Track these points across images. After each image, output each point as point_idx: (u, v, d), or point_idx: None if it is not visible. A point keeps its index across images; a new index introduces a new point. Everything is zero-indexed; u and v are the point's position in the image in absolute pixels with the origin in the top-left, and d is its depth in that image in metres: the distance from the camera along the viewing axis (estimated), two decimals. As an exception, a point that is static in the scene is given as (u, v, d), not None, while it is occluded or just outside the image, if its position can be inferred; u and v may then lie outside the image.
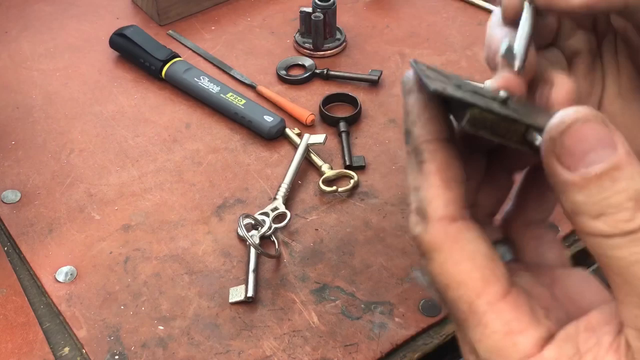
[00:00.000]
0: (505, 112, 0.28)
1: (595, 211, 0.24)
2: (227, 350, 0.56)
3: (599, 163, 0.24)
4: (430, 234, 0.28)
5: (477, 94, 0.29)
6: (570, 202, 0.25)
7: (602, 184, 0.24)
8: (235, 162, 0.72)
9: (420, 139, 0.29)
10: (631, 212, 0.24)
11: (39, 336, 0.57)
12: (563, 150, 0.25)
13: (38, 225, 0.65)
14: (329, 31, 0.83)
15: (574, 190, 0.25)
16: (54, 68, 0.83)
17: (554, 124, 0.25)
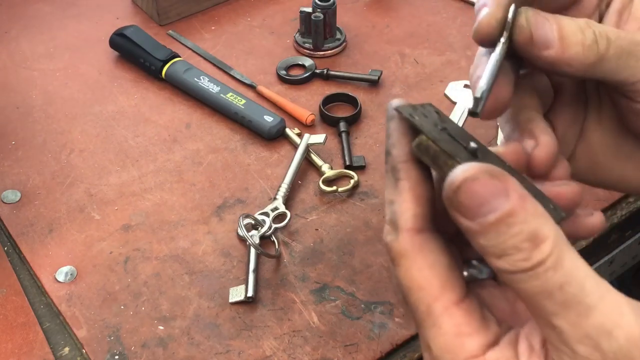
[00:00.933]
0: (446, 147, 0.31)
1: (497, 253, 0.28)
2: (227, 350, 0.56)
3: (494, 212, 0.28)
4: (399, 242, 0.31)
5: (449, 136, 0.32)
6: (476, 245, 0.29)
7: (498, 230, 0.28)
8: (235, 162, 0.72)
9: (398, 159, 0.33)
10: (527, 252, 0.27)
11: (39, 336, 0.57)
12: (459, 206, 0.28)
13: (38, 225, 0.65)
14: (329, 31, 0.83)
15: (476, 236, 0.28)
16: (54, 68, 0.83)
17: (445, 185, 0.29)
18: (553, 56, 0.35)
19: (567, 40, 0.35)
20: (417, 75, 0.81)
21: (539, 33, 0.35)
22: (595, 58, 0.35)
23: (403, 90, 0.79)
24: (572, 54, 0.35)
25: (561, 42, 0.35)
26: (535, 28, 0.35)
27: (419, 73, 0.81)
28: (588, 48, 0.35)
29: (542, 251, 0.27)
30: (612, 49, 0.35)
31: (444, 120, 0.35)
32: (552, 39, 0.35)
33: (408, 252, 0.31)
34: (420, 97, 0.78)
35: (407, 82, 0.80)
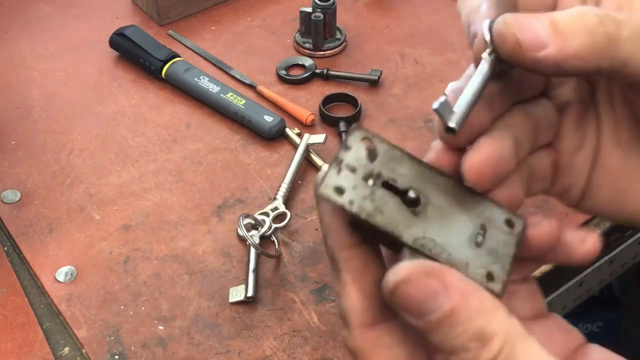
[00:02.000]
0: (380, 224, 0.29)
1: (448, 349, 0.26)
2: (227, 350, 0.56)
3: (434, 312, 0.26)
4: (352, 340, 0.29)
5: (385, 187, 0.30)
6: (427, 341, 0.27)
7: (443, 329, 0.26)
8: (235, 162, 0.72)
9: (334, 249, 0.30)
10: (475, 352, 0.26)
11: (39, 336, 0.57)
12: (399, 307, 0.27)
13: (38, 225, 0.65)
14: (329, 31, 0.83)
15: (425, 333, 0.27)
16: (54, 68, 0.83)
17: (383, 286, 0.27)
18: (554, 55, 0.29)
19: (565, 31, 0.29)
20: (417, 75, 0.81)
21: (526, 34, 0.30)
22: (605, 42, 0.29)
23: (403, 90, 0.79)
24: (576, 46, 0.29)
25: (558, 36, 0.29)
26: (520, 29, 0.30)
27: (419, 73, 0.82)
28: (594, 32, 0.29)
29: (491, 350, 0.26)
30: (624, 30, 0.29)
31: (373, 152, 0.31)
32: (545, 35, 0.29)
33: (363, 350, 0.29)
34: (420, 97, 0.78)
35: (407, 82, 0.80)
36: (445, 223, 0.30)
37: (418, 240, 0.29)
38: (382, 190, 0.30)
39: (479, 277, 0.29)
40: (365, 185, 0.30)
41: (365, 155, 0.31)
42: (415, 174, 0.31)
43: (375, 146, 0.31)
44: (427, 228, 0.29)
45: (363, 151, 0.31)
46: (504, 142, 0.31)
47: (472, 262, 0.29)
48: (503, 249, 0.30)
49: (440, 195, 0.31)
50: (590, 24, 0.29)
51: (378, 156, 0.31)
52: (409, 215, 0.30)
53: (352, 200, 0.29)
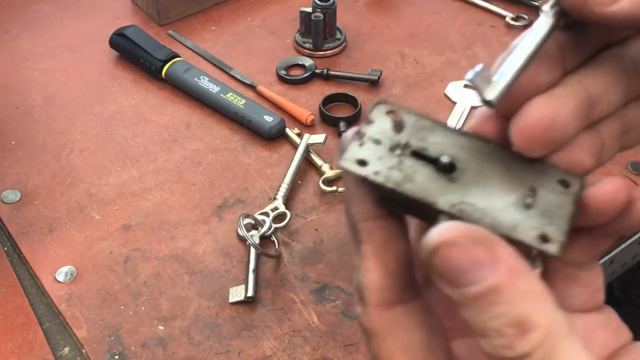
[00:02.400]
0: (412, 193, 0.26)
1: (480, 330, 0.23)
2: (227, 350, 0.56)
3: (475, 285, 0.23)
4: (367, 319, 0.27)
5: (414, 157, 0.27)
6: (459, 315, 0.24)
7: (479, 306, 0.23)
8: (235, 162, 0.72)
9: (357, 218, 0.27)
10: (510, 339, 0.23)
11: (39, 336, 0.57)
12: (436, 272, 0.24)
13: (38, 225, 0.65)
14: (329, 31, 0.83)
15: (459, 306, 0.24)
16: (54, 68, 0.83)
17: (422, 246, 0.24)
18: (627, 10, 0.24)
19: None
20: (417, 75, 0.81)
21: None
22: None
23: (403, 90, 0.79)
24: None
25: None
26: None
27: (419, 73, 0.81)
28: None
29: (529, 341, 0.22)
30: None
31: (400, 124, 0.28)
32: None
33: (377, 331, 0.26)
34: (420, 97, 0.78)
35: (407, 82, 0.80)
36: (488, 187, 0.27)
37: (455, 206, 0.26)
38: (412, 159, 0.27)
39: (530, 238, 0.25)
40: (392, 155, 0.27)
41: (391, 127, 0.28)
42: (450, 142, 0.28)
43: (402, 118, 0.28)
44: (465, 193, 0.26)
45: (388, 124, 0.28)
46: (563, 101, 0.27)
47: (522, 224, 0.26)
48: (558, 209, 0.27)
49: (480, 160, 0.28)
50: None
51: (406, 127, 0.28)
52: (444, 182, 0.27)
53: (377, 171, 0.26)
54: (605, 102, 0.28)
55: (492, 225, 0.26)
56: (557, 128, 0.26)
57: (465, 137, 0.28)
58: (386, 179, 0.26)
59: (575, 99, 0.27)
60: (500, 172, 0.27)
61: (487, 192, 0.27)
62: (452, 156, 0.27)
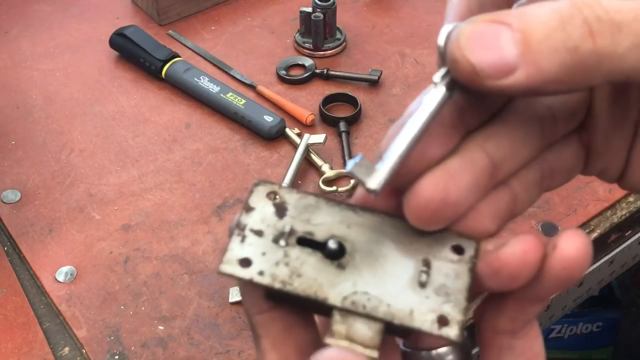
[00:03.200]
0: (300, 292, 0.25)
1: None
2: (227, 350, 0.56)
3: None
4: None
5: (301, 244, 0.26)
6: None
7: None
8: (235, 162, 0.72)
9: (250, 312, 0.26)
10: None
11: (39, 336, 0.57)
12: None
13: (38, 225, 0.65)
14: (329, 31, 0.83)
15: None
16: (54, 68, 0.83)
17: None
18: (523, 81, 0.22)
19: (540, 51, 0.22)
20: (417, 75, 0.81)
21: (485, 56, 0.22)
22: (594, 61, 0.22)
23: (403, 90, 0.79)
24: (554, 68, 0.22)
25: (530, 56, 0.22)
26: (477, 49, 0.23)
27: (419, 73, 0.81)
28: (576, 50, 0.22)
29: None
30: (627, 38, 0.22)
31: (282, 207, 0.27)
32: (513, 55, 0.22)
33: None
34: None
35: (407, 82, 0.80)
36: (379, 269, 0.26)
37: (348, 298, 0.25)
38: (298, 249, 0.26)
39: (428, 324, 0.24)
40: (276, 248, 0.25)
41: (273, 212, 0.26)
42: (336, 219, 0.26)
43: (284, 199, 0.27)
44: (357, 281, 0.25)
45: (270, 208, 0.26)
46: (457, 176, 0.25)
47: (418, 308, 0.25)
48: (454, 282, 0.25)
49: (370, 237, 0.26)
50: (574, 37, 0.22)
51: (288, 209, 0.26)
52: (334, 271, 0.25)
53: (262, 271, 0.25)
54: (513, 160, 0.26)
55: (388, 313, 0.25)
56: (450, 205, 0.25)
57: (352, 211, 0.27)
58: (272, 279, 0.25)
59: (471, 170, 0.25)
60: (392, 248, 0.26)
61: (379, 275, 0.25)
62: (340, 237, 0.26)
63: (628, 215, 0.67)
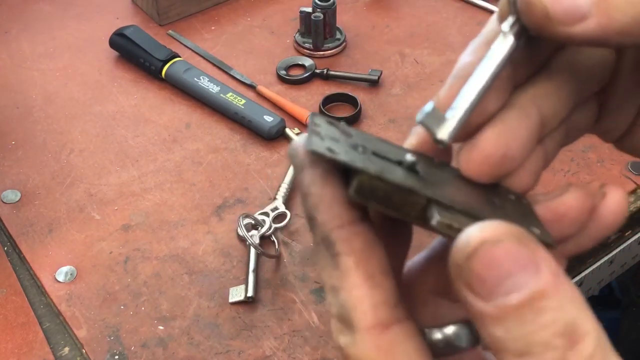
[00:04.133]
0: (400, 181, 0.23)
1: (518, 349, 0.20)
2: (227, 350, 0.56)
3: (518, 291, 0.20)
4: (360, 347, 0.22)
5: (377, 157, 0.24)
6: (489, 336, 0.21)
7: (523, 317, 0.20)
8: (235, 162, 0.72)
9: (329, 226, 0.23)
10: (561, 353, 0.19)
11: (39, 336, 0.57)
12: (472, 278, 0.20)
13: (38, 225, 0.65)
14: (329, 31, 0.83)
15: (491, 323, 0.20)
16: (54, 68, 0.83)
17: (457, 246, 0.21)
18: (593, 29, 0.23)
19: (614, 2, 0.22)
20: (417, 75, 0.81)
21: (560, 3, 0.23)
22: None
23: (403, 90, 0.79)
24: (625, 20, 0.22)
25: (603, 4, 0.22)
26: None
27: (419, 73, 0.82)
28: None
29: (582, 353, 0.19)
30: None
31: (346, 131, 0.25)
32: (586, 3, 0.23)
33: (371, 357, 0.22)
34: (420, 97, 0.78)
35: (407, 82, 0.80)
36: (454, 188, 0.25)
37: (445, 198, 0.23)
38: (376, 157, 0.24)
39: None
40: (356, 151, 0.24)
41: (339, 132, 0.25)
42: (400, 151, 0.26)
43: (345, 128, 0.26)
44: (440, 191, 0.24)
45: (334, 130, 0.25)
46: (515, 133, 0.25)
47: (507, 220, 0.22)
48: (525, 212, 0.25)
49: (434, 168, 0.26)
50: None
51: (352, 135, 0.25)
52: (415, 179, 0.24)
53: (352, 159, 0.23)
54: (556, 118, 0.27)
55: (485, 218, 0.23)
56: (509, 160, 0.25)
57: (407, 150, 0.26)
58: (366, 168, 0.23)
59: (527, 126, 0.26)
60: (454, 178, 0.25)
61: (459, 191, 0.24)
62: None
63: (628, 215, 0.67)
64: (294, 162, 0.24)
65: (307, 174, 0.24)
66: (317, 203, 0.23)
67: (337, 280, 0.23)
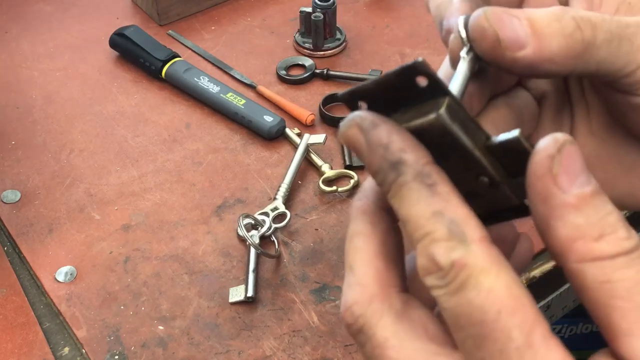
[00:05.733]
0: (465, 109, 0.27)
1: (595, 232, 0.24)
2: (227, 350, 0.56)
3: (587, 185, 0.24)
4: (475, 255, 0.24)
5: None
6: (570, 226, 0.24)
7: (596, 205, 0.24)
8: (235, 162, 0.72)
9: (422, 162, 0.26)
10: (627, 230, 0.24)
11: (39, 336, 0.57)
12: (561, 169, 0.24)
13: (38, 225, 0.65)
14: (329, 31, 0.83)
15: (573, 212, 0.24)
16: (54, 68, 0.83)
17: (549, 143, 0.25)
18: (530, 56, 0.29)
19: (544, 33, 0.29)
20: (417, 75, 0.81)
21: (506, 32, 0.29)
22: (581, 47, 0.29)
23: (403, 90, 0.79)
24: (553, 49, 0.29)
25: (537, 37, 0.29)
26: (501, 27, 0.29)
27: (419, 73, 0.81)
28: (571, 37, 0.29)
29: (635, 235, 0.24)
30: (600, 34, 0.29)
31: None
32: (525, 35, 0.29)
33: (489, 266, 0.24)
34: (420, 97, 0.78)
35: (407, 82, 0.80)
36: None
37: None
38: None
39: None
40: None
41: None
42: None
43: None
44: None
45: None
46: None
47: None
48: None
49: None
50: (567, 28, 0.29)
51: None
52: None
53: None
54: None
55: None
56: None
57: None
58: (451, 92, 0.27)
59: None
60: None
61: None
62: None
63: (628, 215, 0.67)
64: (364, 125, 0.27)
65: (383, 128, 0.27)
66: (403, 147, 0.26)
67: (439, 204, 0.25)
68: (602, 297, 0.24)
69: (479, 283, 0.24)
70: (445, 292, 0.25)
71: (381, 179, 0.27)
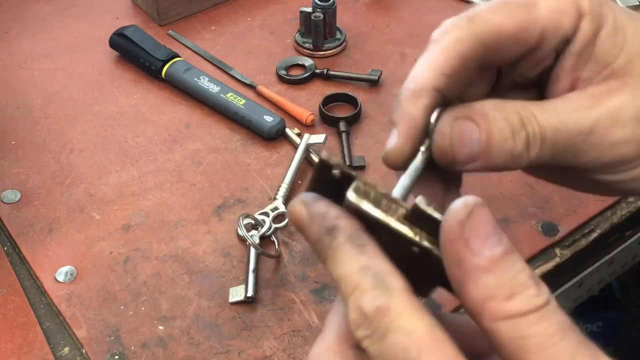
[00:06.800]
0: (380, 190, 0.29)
1: (506, 292, 0.25)
2: (227, 350, 0.56)
3: (498, 246, 0.26)
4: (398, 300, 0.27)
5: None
6: (482, 288, 0.26)
7: (506, 265, 0.26)
8: (235, 162, 0.72)
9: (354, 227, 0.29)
10: (537, 287, 0.26)
11: (39, 336, 0.57)
12: (472, 232, 0.26)
13: (38, 225, 0.65)
14: (329, 31, 0.83)
15: (484, 274, 0.26)
16: (54, 68, 0.83)
17: (459, 206, 0.26)
18: (480, 167, 0.33)
19: (494, 151, 0.33)
20: (417, 75, 0.81)
21: (462, 151, 0.33)
22: (525, 164, 0.34)
23: (403, 90, 0.79)
24: (499, 163, 0.33)
25: (487, 154, 0.33)
26: (459, 142, 0.33)
27: (419, 73, 0.81)
28: (517, 157, 0.33)
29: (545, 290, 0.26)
30: (546, 149, 0.33)
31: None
32: (477, 152, 0.33)
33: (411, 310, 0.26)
34: (420, 97, 0.78)
35: (407, 82, 0.80)
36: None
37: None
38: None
39: None
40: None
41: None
42: None
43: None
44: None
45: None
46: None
47: None
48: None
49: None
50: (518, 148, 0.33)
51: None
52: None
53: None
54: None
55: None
56: None
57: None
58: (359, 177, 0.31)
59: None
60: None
61: None
62: None
63: (628, 215, 0.67)
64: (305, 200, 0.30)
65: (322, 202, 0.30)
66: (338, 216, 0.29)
67: (367, 260, 0.28)
68: (517, 352, 0.25)
69: (401, 326, 0.26)
70: (372, 340, 0.26)
71: (319, 247, 0.29)
